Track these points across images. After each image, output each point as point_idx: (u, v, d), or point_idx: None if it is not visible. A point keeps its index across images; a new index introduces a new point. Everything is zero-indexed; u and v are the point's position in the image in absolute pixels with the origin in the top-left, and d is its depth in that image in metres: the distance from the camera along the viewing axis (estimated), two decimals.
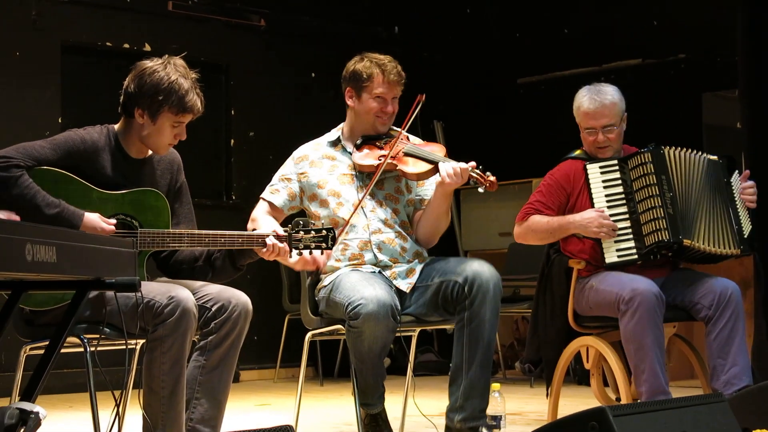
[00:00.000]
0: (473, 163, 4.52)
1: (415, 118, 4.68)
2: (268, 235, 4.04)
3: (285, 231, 4.10)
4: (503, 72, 9.50)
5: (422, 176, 4.64)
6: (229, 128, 8.98)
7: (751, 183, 4.94)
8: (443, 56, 9.61)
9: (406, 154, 4.64)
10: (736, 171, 4.96)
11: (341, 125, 4.83)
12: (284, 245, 4.04)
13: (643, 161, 4.84)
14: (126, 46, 8.31)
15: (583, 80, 5.26)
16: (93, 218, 3.81)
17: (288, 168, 4.76)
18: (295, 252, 4.10)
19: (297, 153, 4.80)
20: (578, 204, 4.93)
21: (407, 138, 4.71)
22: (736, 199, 4.91)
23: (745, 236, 4.87)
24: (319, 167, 4.72)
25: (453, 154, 4.86)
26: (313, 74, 9.39)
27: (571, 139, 5.27)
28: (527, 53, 9.46)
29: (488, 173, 4.49)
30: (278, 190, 4.70)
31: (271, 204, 4.68)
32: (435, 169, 4.57)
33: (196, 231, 3.98)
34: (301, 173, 4.71)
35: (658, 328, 4.61)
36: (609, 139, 4.94)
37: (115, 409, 3.49)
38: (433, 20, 9.86)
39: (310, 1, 9.39)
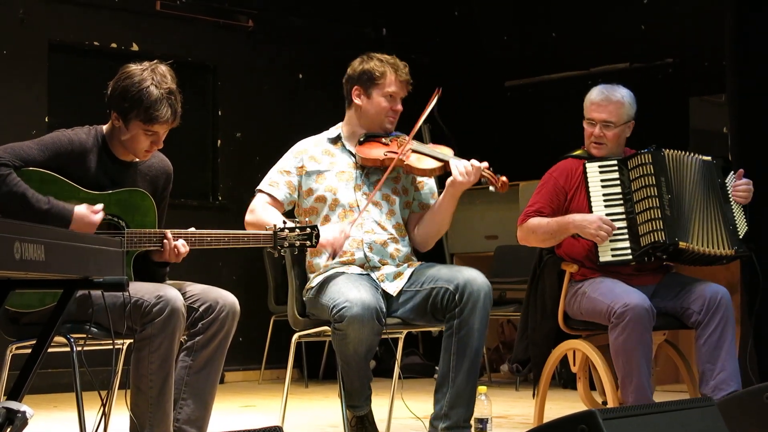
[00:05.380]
0: (486, 163, 4.52)
1: (432, 112, 4.68)
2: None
3: (269, 228, 4.09)
4: (491, 75, 9.50)
5: (429, 173, 4.62)
6: (216, 129, 8.95)
7: (744, 180, 4.90)
8: (431, 59, 9.60)
9: (414, 152, 4.63)
10: (732, 172, 4.94)
11: (340, 124, 4.79)
12: (182, 244, 3.91)
13: (643, 162, 4.82)
14: (113, 45, 8.27)
15: (571, 84, 5.28)
16: (82, 210, 3.80)
17: (287, 161, 4.70)
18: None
19: (296, 147, 4.75)
20: (574, 202, 4.91)
21: (413, 139, 4.70)
22: (731, 199, 4.90)
23: (740, 237, 4.85)
24: (318, 162, 4.68)
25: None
26: (300, 75, 9.37)
27: (559, 142, 5.26)
28: (515, 56, 9.46)
29: (499, 174, 4.50)
30: (277, 183, 4.64)
31: (271, 196, 4.61)
32: (443, 167, 4.57)
33: (183, 231, 3.96)
34: (300, 167, 4.67)
35: (647, 343, 4.59)
36: (605, 136, 4.92)
37: (101, 409, 3.48)
38: (421, 22, 9.85)
39: (298, 2, 9.37)
